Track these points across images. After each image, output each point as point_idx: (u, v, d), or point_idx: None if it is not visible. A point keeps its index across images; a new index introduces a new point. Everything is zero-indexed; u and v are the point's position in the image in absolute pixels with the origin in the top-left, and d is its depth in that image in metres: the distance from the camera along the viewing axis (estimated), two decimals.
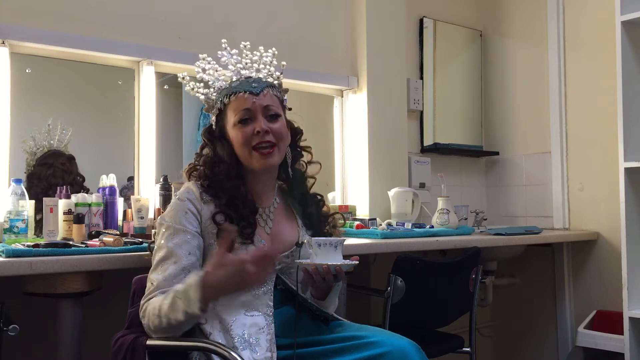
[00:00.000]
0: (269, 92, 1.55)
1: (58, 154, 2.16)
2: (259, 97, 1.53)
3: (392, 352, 1.35)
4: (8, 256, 1.53)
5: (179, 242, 1.43)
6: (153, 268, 1.44)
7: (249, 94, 1.52)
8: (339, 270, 1.44)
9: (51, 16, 2.16)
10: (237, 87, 1.54)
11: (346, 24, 3.04)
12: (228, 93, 1.55)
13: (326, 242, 1.45)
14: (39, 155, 2.13)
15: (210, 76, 1.60)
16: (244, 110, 1.52)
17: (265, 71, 1.62)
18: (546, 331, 3.27)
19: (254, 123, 1.51)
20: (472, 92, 3.57)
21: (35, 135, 2.13)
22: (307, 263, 1.46)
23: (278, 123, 1.55)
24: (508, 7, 3.52)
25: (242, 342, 1.41)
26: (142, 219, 2.12)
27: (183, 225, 1.45)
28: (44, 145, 2.14)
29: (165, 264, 1.41)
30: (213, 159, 1.55)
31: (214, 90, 1.59)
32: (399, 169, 3.07)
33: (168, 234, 1.45)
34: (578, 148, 3.17)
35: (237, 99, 1.53)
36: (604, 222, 3.03)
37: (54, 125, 2.16)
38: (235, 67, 1.60)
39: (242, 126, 1.52)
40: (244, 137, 1.51)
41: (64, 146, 2.18)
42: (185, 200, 1.49)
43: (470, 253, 2.24)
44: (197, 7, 2.52)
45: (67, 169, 2.15)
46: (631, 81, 2.48)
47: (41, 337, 1.85)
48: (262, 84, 1.56)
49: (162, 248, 1.44)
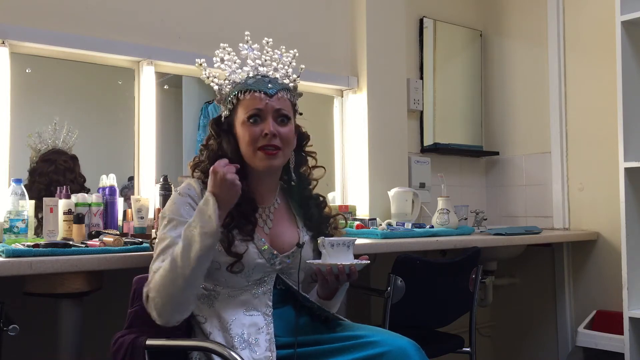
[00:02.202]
0: (283, 95, 1.54)
1: (61, 152, 2.16)
2: (272, 99, 1.52)
3: (392, 351, 1.35)
4: (8, 256, 1.53)
5: (181, 233, 1.43)
6: (154, 258, 1.43)
7: (263, 94, 1.51)
8: (353, 269, 1.46)
9: (51, 16, 2.16)
10: (253, 85, 1.53)
11: (346, 24, 3.04)
12: (243, 89, 1.53)
13: (339, 242, 1.47)
14: (42, 152, 2.13)
15: (228, 67, 1.57)
16: (255, 109, 1.51)
17: (283, 71, 1.59)
18: (546, 331, 3.27)
19: (263, 124, 1.51)
20: (472, 92, 3.57)
21: (41, 131, 2.13)
22: (321, 263, 1.47)
23: (287, 128, 1.54)
24: (508, 7, 3.52)
25: (242, 341, 1.41)
26: (142, 219, 2.12)
27: (184, 218, 1.45)
28: (48, 143, 2.14)
29: (167, 254, 1.40)
30: (217, 154, 1.54)
31: (229, 83, 1.57)
32: (399, 169, 3.07)
33: (170, 226, 1.44)
34: (578, 148, 3.17)
35: (251, 97, 1.52)
36: (604, 222, 3.03)
37: (60, 124, 2.16)
38: (254, 63, 1.57)
39: (250, 125, 1.51)
40: (251, 137, 1.50)
41: (69, 147, 2.18)
42: (186, 195, 1.49)
43: (470, 253, 2.24)
44: (197, 7, 2.52)
45: (69, 167, 2.15)
46: (631, 81, 2.48)
47: (41, 337, 1.85)
48: (277, 86, 1.54)
49: (164, 239, 1.43)
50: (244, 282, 1.49)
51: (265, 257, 1.50)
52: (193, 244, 1.34)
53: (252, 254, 1.48)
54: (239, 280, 1.49)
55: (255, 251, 1.49)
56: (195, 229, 1.35)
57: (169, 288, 1.35)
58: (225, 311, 1.45)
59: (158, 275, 1.37)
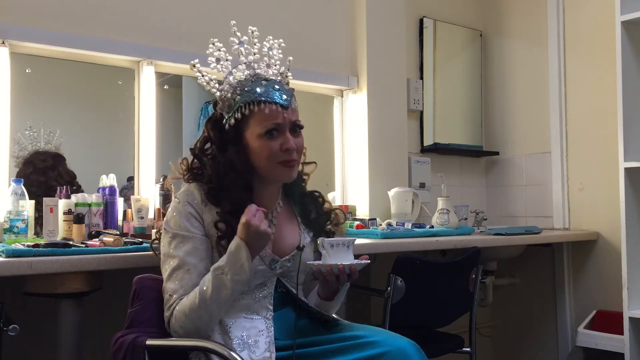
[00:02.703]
0: (293, 102, 1.51)
1: (40, 152, 2.13)
2: (288, 112, 1.48)
3: (391, 352, 1.35)
4: (8, 256, 1.53)
5: (188, 250, 1.43)
6: (167, 278, 1.43)
7: (279, 107, 1.47)
8: (353, 269, 1.45)
9: (51, 16, 2.16)
10: (265, 96, 1.46)
11: (346, 24, 3.04)
12: (254, 100, 1.46)
13: (339, 243, 1.47)
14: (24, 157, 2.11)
15: (225, 69, 1.53)
16: (274, 123, 1.46)
17: (275, 69, 1.56)
18: (546, 331, 3.27)
19: (281, 137, 1.47)
20: (472, 92, 3.57)
21: (17, 138, 2.09)
22: (321, 264, 1.46)
23: (301, 137, 1.53)
24: (508, 7, 3.52)
25: (241, 343, 1.41)
26: (142, 219, 2.12)
27: (189, 232, 1.44)
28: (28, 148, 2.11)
29: (179, 273, 1.41)
30: (224, 165, 1.47)
31: (230, 87, 1.50)
32: (399, 169, 3.07)
33: (176, 242, 1.44)
34: (578, 148, 3.17)
35: (266, 110, 1.45)
36: (604, 222, 3.03)
37: (36, 127, 2.12)
38: (247, 60, 1.53)
39: (268, 139, 1.46)
40: (270, 152, 1.46)
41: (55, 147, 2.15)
42: (187, 204, 1.47)
43: (470, 253, 2.24)
44: (197, 7, 2.52)
45: (48, 165, 2.12)
46: (631, 81, 2.48)
47: (41, 337, 1.85)
48: (287, 94, 1.50)
49: (172, 257, 1.43)
50: (245, 287, 1.49)
51: (267, 262, 1.50)
52: (223, 290, 1.36)
53: (253, 261, 1.46)
54: None
55: (257, 258, 1.46)
56: (226, 275, 1.35)
57: (196, 322, 1.38)
58: (225, 315, 1.44)
59: (183, 311, 1.38)
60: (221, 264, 1.38)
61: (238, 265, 1.36)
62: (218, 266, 1.38)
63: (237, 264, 1.36)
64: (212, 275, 1.37)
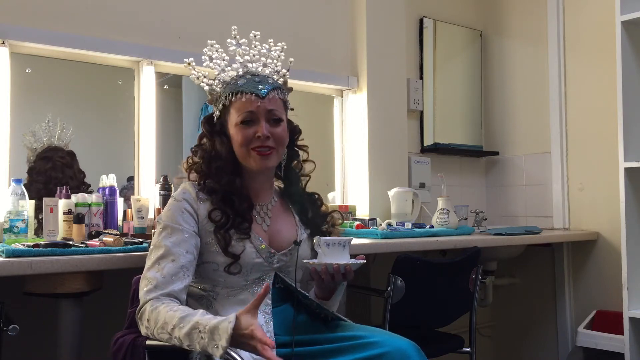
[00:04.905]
0: (274, 95, 1.54)
1: (57, 148, 2.15)
2: (264, 101, 1.51)
3: (391, 352, 1.35)
4: (8, 256, 1.53)
5: (176, 241, 1.44)
6: (149, 266, 1.43)
7: (255, 96, 1.51)
8: (348, 269, 1.46)
9: (51, 16, 2.16)
10: (244, 87, 1.52)
11: (346, 24, 3.04)
12: (234, 91, 1.52)
13: (335, 242, 1.47)
14: (39, 150, 2.13)
15: (217, 66, 1.57)
16: (248, 112, 1.51)
17: (272, 67, 1.59)
18: (546, 331, 3.27)
19: (256, 126, 1.51)
20: (472, 92, 3.57)
21: (35, 130, 2.13)
22: (316, 263, 1.46)
23: (280, 127, 1.54)
24: (508, 7, 3.52)
25: None
26: (142, 219, 2.12)
27: (180, 225, 1.46)
28: (43, 140, 2.14)
29: (163, 262, 1.41)
30: (210, 154, 1.55)
31: (219, 82, 1.56)
32: (399, 169, 3.07)
33: (165, 233, 1.45)
34: (578, 148, 3.17)
35: (243, 99, 1.51)
36: (604, 222, 3.03)
37: (54, 122, 2.16)
38: (243, 60, 1.56)
39: (243, 127, 1.51)
40: (244, 139, 1.51)
41: (65, 144, 2.17)
42: (182, 200, 1.49)
43: (470, 253, 2.24)
44: (197, 7, 2.52)
45: (66, 163, 2.15)
46: (631, 81, 2.48)
47: (41, 337, 1.85)
48: (268, 86, 1.53)
49: (159, 247, 1.44)
50: (242, 282, 1.49)
51: (263, 256, 1.51)
52: (193, 344, 1.27)
53: (250, 254, 1.48)
54: (237, 280, 1.49)
55: (253, 250, 1.49)
56: (201, 340, 1.25)
57: (163, 337, 1.33)
58: (224, 311, 1.45)
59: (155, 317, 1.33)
60: (206, 325, 1.26)
61: (212, 345, 1.24)
62: (199, 321, 1.28)
63: (215, 341, 1.24)
64: (189, 329, 1.27)
